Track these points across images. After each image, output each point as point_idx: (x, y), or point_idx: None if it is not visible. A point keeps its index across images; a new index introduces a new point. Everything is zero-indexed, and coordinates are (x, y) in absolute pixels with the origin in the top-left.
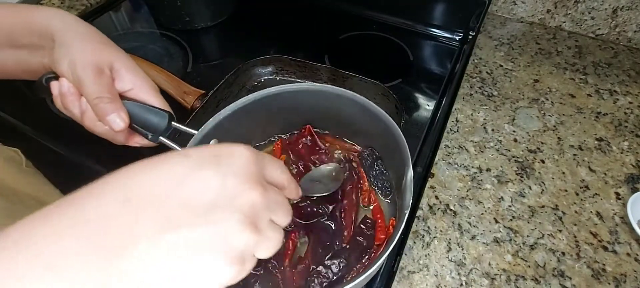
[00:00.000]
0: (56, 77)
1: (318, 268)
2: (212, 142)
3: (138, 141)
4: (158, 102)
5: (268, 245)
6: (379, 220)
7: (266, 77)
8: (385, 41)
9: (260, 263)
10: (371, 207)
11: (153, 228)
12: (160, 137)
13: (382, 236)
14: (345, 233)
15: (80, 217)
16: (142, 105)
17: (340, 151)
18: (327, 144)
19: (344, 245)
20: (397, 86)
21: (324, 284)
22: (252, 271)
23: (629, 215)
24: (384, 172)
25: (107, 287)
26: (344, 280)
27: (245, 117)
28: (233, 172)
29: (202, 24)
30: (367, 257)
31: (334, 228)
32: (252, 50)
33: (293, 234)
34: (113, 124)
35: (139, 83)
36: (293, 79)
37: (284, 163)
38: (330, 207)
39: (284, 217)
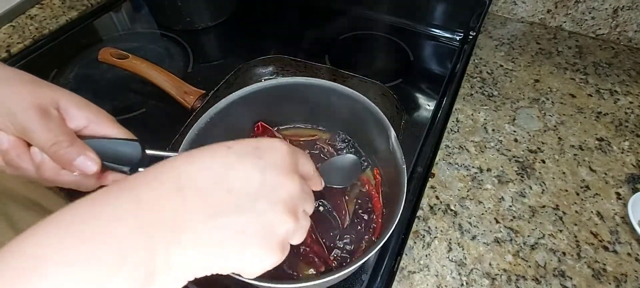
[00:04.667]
0: None
1: (333, 247)
2: None
3: (112, 179)
4: (120, 132)
5: (302, 233)
6: (373, 193)
7: (267, 77)
8: (385, 41)
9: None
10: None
11: (204, 213)
12: (140, 168)
13: (379, 204)
14: (343, 214)
15: (134, 200)
16: (107, 139)
17: (303, 140)
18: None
19: (344, 226)
20: (397, 86)
21: (342, 261)
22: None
23: (629, 215)
24: (359, 151)
25: (151, 266)
26: (357, 253)
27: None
28: (273, 165)
29: (203, 24)
30: (371, 228)
31: (332, 211)
32: (253, 50)
33: None
34: (84, 167)
35: (93, 117)
36: None
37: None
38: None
39: (311, 206)
